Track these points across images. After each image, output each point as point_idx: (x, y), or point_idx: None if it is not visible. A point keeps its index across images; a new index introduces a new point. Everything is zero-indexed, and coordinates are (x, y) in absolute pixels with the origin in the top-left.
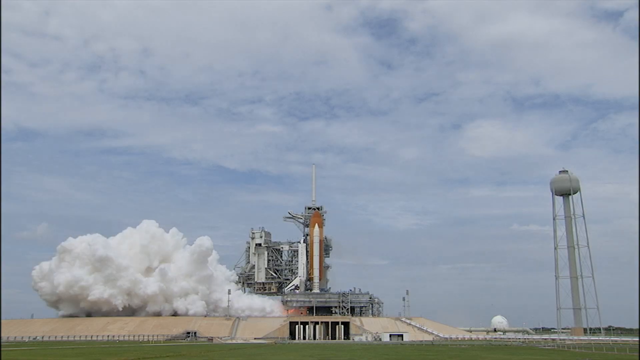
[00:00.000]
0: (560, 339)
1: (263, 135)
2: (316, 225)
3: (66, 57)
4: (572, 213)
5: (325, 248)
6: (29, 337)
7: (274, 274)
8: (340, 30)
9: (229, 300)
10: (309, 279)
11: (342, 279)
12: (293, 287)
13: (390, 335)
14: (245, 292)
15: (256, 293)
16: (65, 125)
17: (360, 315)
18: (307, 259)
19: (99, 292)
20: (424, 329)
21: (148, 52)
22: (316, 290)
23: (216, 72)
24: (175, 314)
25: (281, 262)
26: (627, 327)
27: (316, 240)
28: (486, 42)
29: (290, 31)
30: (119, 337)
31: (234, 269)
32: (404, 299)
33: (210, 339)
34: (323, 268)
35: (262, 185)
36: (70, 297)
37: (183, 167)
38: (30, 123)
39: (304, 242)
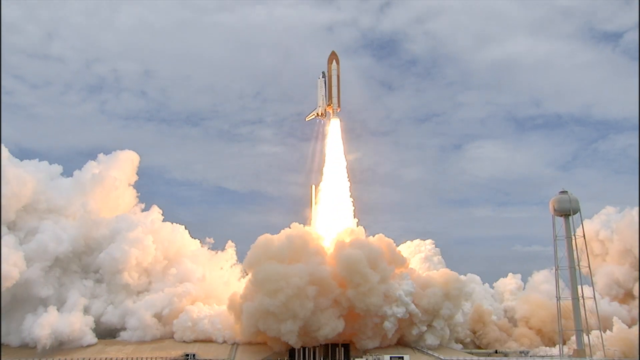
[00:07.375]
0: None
1: (264, 156)
2: (334, 61)
3: (68, 78)
4: (572, 234)
5: None
6: None
7: None
8: (341, 51)
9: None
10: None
11: None
12: (314, 116)
13: (390, 358)
14: None
15: None
16: (66, 146)
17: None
18: (325, 90)
19: None
20: (426, 351)
21: (149, 74)
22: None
23: (217, 94)
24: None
25: None
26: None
27: (334, 74)
28: (487, 64)
29: (292, 52)
30: (116, 359)
31: None
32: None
33: None
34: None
35: (263, 206)
36: None
37: (184, 188)
38: (31, 144)
39: (322, 78)
